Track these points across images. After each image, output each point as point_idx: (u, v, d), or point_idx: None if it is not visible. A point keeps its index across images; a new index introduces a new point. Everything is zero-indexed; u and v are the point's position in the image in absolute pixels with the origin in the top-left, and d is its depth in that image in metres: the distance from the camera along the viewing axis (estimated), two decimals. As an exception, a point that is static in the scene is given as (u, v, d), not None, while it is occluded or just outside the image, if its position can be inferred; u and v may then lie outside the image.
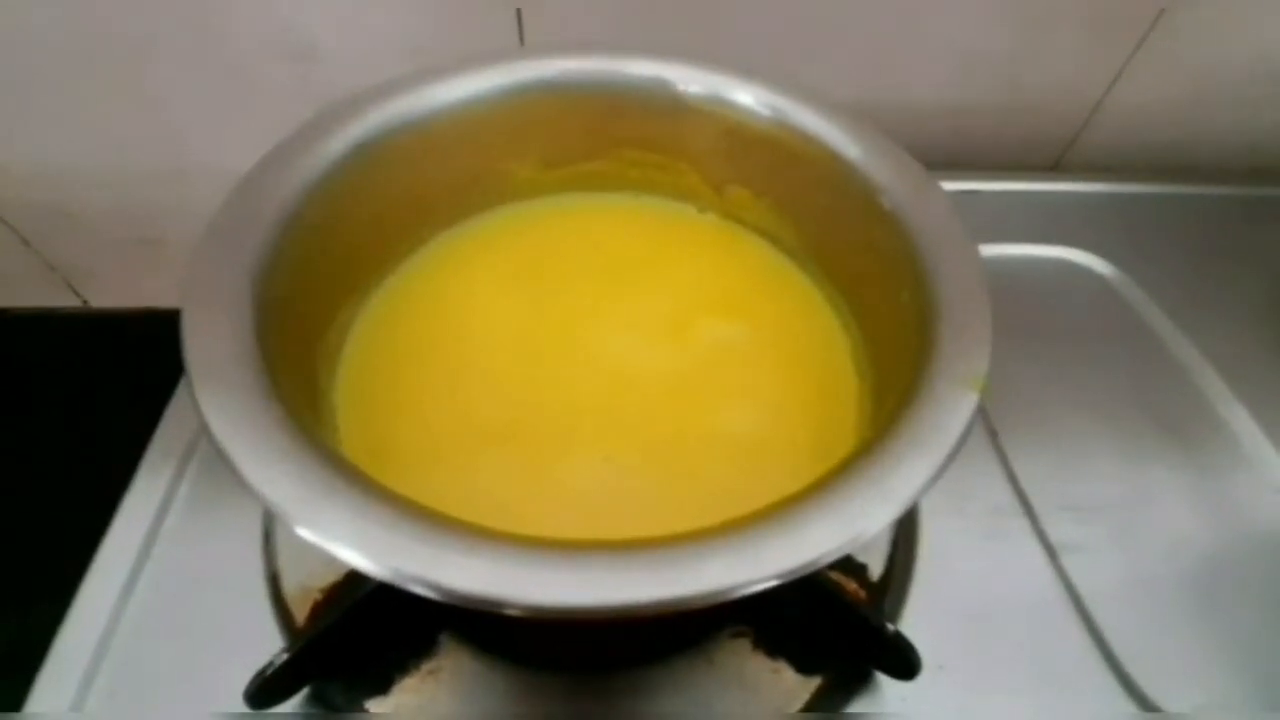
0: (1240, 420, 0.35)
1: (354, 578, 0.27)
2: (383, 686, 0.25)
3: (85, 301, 0.55)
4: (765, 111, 0.29)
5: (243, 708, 0.23)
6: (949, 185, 0.44)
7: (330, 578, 0.27)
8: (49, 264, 0.52)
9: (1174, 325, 0.38)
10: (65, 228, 0.49)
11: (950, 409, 0.19)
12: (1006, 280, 0.40)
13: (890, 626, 0.24)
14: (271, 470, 0.18)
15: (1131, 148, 0.48)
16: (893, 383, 0.23)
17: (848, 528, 0.17)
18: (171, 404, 0.35)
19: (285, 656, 0.23)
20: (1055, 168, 0.50)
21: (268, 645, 0.26)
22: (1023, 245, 0.42)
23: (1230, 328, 0.38)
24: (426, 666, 0.26)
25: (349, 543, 0.17)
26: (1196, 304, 0.39)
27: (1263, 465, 0.34)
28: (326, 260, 0.26)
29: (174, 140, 0.44)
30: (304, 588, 0.27)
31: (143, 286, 0.54)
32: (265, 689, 0.23)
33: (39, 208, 0.47)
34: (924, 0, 0.40)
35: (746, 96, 0.29)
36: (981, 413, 0.34)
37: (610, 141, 0.32)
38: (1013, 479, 0.32)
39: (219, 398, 0.19)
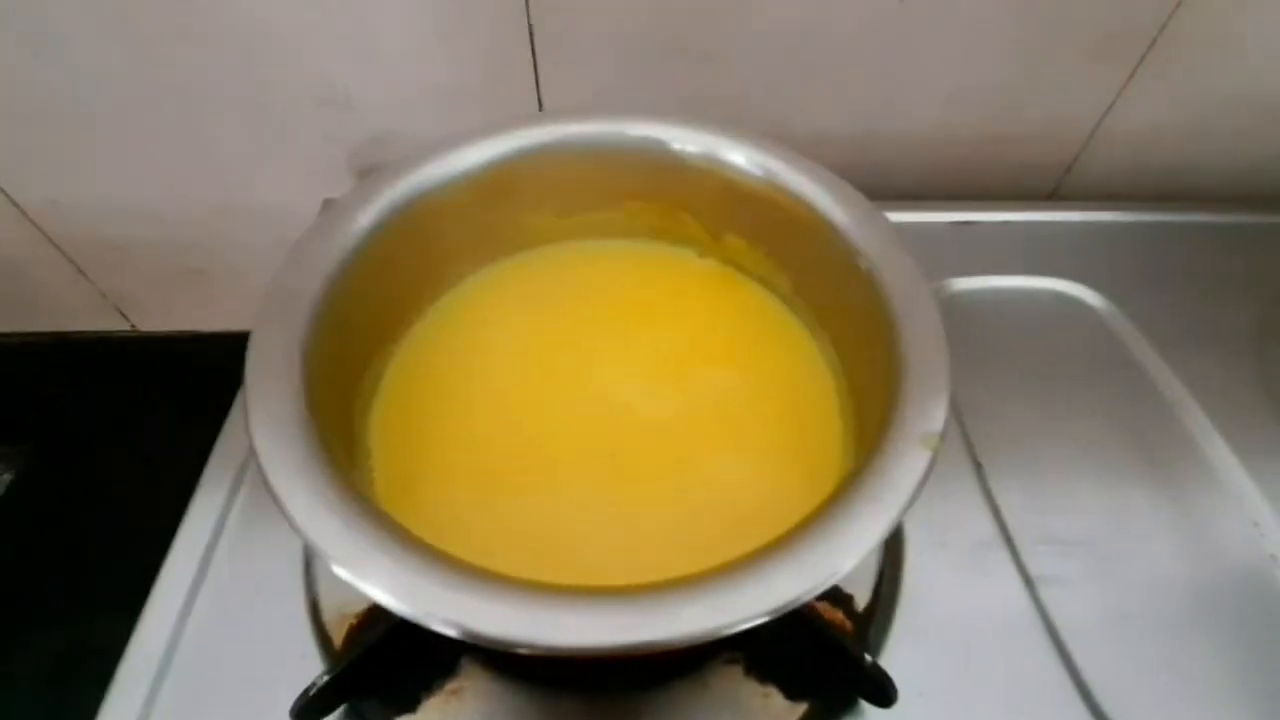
0: (1221, 455, 0.36)
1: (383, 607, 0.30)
2: (411, 705, 0.28)
3: (134, 326, 0.59)
4: (756, 171, 0.31)
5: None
6: (945, 215, 0.47)
7: (363, 605, 0.30)
8: (101, 292, 0.55)
9: (1161, 358, 0.40)
10: (117, 259, 0.53)
11: (906, 468, 0.21)
12: (998, 312, 0.42)
13: (869, 658, 0.26)
14: (326, 527, 0.20)
15: (1127, 176, 0.49)
16: (869, 431, 0.26)
17: (810, 577, 0.19)
18: (222, 436, 0.37)
19: (326, 679, 0.26)
20: (1051, 196, 0.51)
21: (309, 665, 0.29)
22: (1016, 277, 0.44)
23: (1216, 361, 0.40)
24: (449, 686, 0.29)
25: (391, 591, 0.20)
26: (1184, 336, 0.40)
27: (1242, 500, 0.35)
28: (363, 316, 0.29)
29: (217, 181, 0.48)
30: (340, 613, 0.30)
31: (187, 312, 0.58)
32: (309, 707, 0.26)
33: (94, 241, 0.51)
34: (920, 31, 0.42)
35: (739, 157, 0.31)
36: (967, 445, 0.36)
37: (615, 194, 0.34)
38: (996, 512, 0.34)
39: (278, 457, 0.21)
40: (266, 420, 0.22)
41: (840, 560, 0.19)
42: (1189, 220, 0.47)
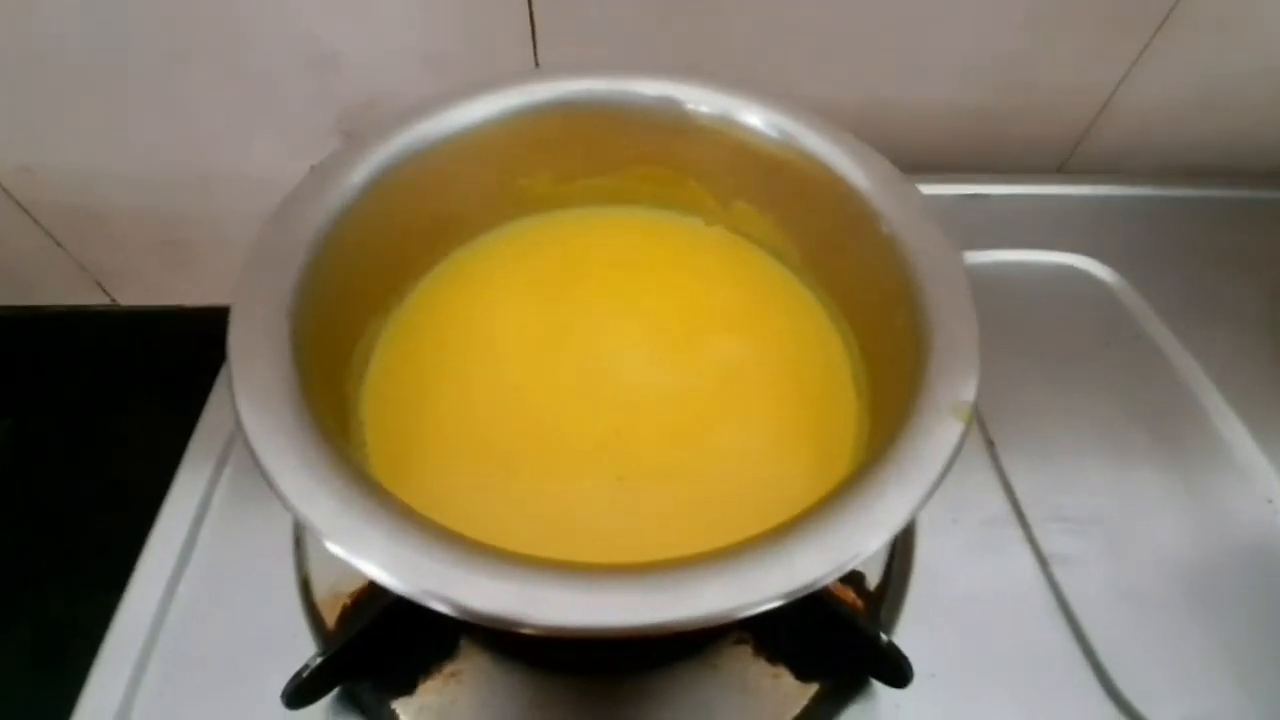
0: (1234, 431, 0.36)
1: (379, 585, 0.28)
2: (408, 688, 0.27)
3: (114, 300, 0.57)
4: (772, 133, 0.30)
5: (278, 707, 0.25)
6: (954, 188, 0.45)
7: (357, 584, 0.29)
8: (80, 264, 0.53)
9: (1173, 334, 0.39)
10: (95, 230, 0.50)
11: (936, 440, 0.20)
12: (1008, 286, 0.41)
13: (884, 637, 0.25)
14: (315, 497, 0.19)
15: (1138, 150, 0.48)
16: (887, 402, 0.25)
17: (836, 555, 0.18)
18: (206, 409, 0.36)
19: (319, 660, 0.24)
20: (1060, 170, 0.50)
21: (300, 646, 0.28)
22: (1026, 251, 0.43)
23: (1229, 337, 0.39)
24: (448, 669, 0.27)
25: (383, 565, 0.18)
26: (1196, 312, 0.40)
27: (1255, 476, 0.34)
28: (353, 282, 0.27)
29: (200, 146, 0.46)
30: (333, 592, 0.29)
31: (170, 286, 0.56)
32: (301, 690, 0.24)
33: (71, 211, 0.49)
34: (930, 2, 0.40)
35: (754, 118, 0.30)
36: (979, 422, 0.35)
37: (621, 158, 0.33)
38: (1008, 489, 0.33)
39: (265, 428, 0.20)
40: (252, 389, 0.21)
41: (868, 538, 0.18)
42: (1200, 195, 0.46)
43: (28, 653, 0.43)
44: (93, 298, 0.56)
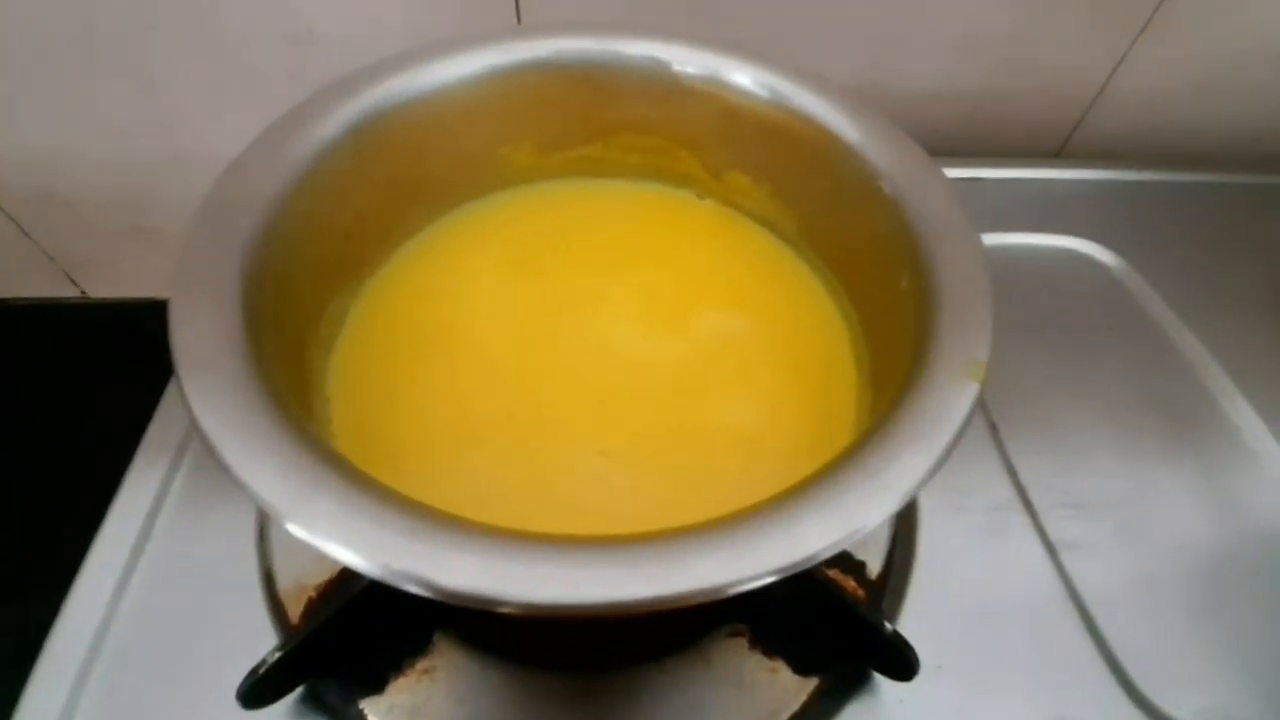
0: (1244, 415, 0.34)
1: (348, 575, 0.26)
2: (377, 686, 0.25)
3: (84, 292, 0.55)
4: (763, 93, 0.28)
5: (236, 708, 0.23)
6: (951, 172, 0.44)
7: (324, 575, 0.27)
8: (47, 254, 0.51)
9: (1178, 317, 0.38)
10: (63, 216, 0.49)
11: (950, 399, 0.18)
12: (1008, 270, 0.40)
13: (889, 626, 0.24)
14: (260, 465, 0.17)
15: (1136, 134, 0.48)
16: (892, 372, 0.23)
17: (845, 522, 0.16)
18: (164, 398, 0.34)
19: (278, 655, 0.22)
20: (1059, 154, 0.49)
21: (262, 643, 0.26)
22: (1025, 234, 0.42)
23: (1235, 320, 0.38)
24: (421, 665, 0.25)
25: (338, 539, 0.16)
26: (1201, 295, 0.39)
27: (1267, 460, 0.33)
28: (318, 247, 0.26)
29: (171, 126, 0.44)
30: (298, 585, 0.27)
31: (141, 277, 0.54)
32: (258, 688, 0.22)
33: (37, 196, 0.47)
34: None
35: (744, 78, 0.28)
36: (982, 406, 0.34)
37: (607, 126, 0.31)
38: (1013, 474, 0.32)
39: (207, 391, 0.18)
40: (196, 350, 0.19)
41: (881, 503, 0.17)
42: (1199, 180, 0.46)
43: (6, 656, 0.41)
44: (62, 290, 0.54)
